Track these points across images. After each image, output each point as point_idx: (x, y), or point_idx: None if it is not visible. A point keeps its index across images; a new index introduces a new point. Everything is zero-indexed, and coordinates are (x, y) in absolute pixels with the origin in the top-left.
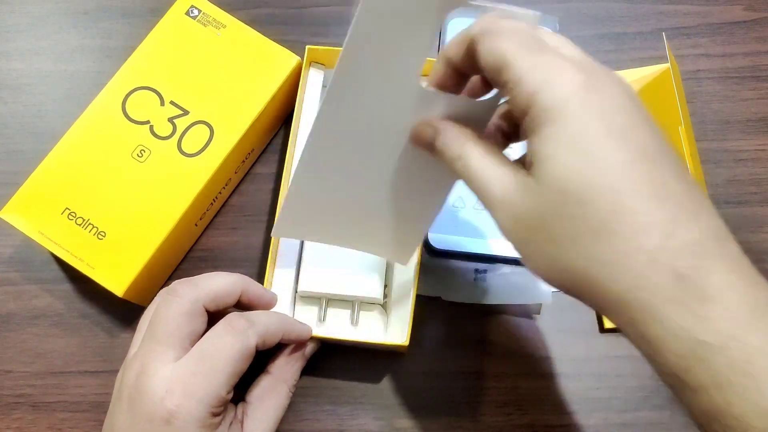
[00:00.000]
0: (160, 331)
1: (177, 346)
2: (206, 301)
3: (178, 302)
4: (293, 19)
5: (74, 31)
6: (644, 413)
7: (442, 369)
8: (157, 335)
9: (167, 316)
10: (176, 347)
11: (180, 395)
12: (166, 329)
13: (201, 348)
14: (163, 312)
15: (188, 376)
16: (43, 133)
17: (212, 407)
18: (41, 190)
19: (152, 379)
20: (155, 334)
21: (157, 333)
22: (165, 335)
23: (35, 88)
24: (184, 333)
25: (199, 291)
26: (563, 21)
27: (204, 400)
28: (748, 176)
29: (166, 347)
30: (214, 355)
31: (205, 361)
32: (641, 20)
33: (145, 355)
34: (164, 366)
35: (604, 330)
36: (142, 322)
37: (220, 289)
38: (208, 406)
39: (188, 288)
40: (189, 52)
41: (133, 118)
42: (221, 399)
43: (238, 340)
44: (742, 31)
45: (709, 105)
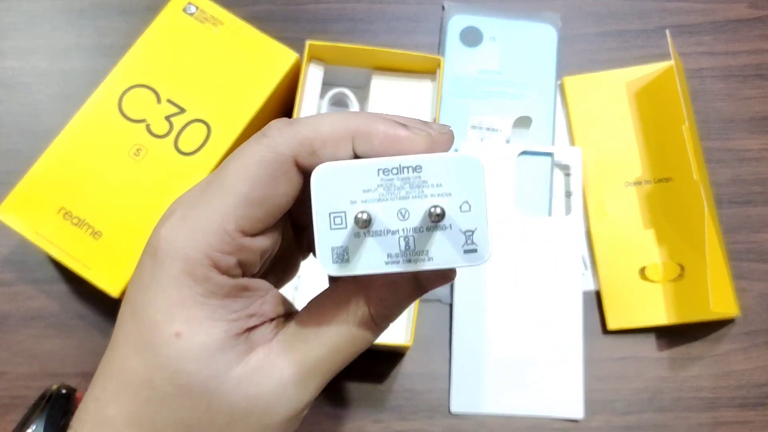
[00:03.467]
0: (219, 186)
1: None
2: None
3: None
4: (292, 16)
5: (70, 28)
6: (648, 415)
7: (443, 371)
8: (213, 191)
9: (237, 165)
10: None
11: (175, 221)
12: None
13: (219, 167)
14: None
15: (192, 199)
16: (39, 132)
17: (213, 247)
18: (36, 189)
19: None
20: (211, 187)
21: (214, 188)
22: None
23: (31, 87)
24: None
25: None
26: (565, 18)
27: (199, 232)
28: (752, 175)
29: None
30: (227, 173)
31: (215, 181)
32: (644, 17)
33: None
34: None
35: (608, 331)
36: None
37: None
38: (205, 243)
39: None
40: (186, 50)
41: (130, 117)
42: (228, 238)
43: (264, 146)
44: (745, 28)
45: (712, 103)
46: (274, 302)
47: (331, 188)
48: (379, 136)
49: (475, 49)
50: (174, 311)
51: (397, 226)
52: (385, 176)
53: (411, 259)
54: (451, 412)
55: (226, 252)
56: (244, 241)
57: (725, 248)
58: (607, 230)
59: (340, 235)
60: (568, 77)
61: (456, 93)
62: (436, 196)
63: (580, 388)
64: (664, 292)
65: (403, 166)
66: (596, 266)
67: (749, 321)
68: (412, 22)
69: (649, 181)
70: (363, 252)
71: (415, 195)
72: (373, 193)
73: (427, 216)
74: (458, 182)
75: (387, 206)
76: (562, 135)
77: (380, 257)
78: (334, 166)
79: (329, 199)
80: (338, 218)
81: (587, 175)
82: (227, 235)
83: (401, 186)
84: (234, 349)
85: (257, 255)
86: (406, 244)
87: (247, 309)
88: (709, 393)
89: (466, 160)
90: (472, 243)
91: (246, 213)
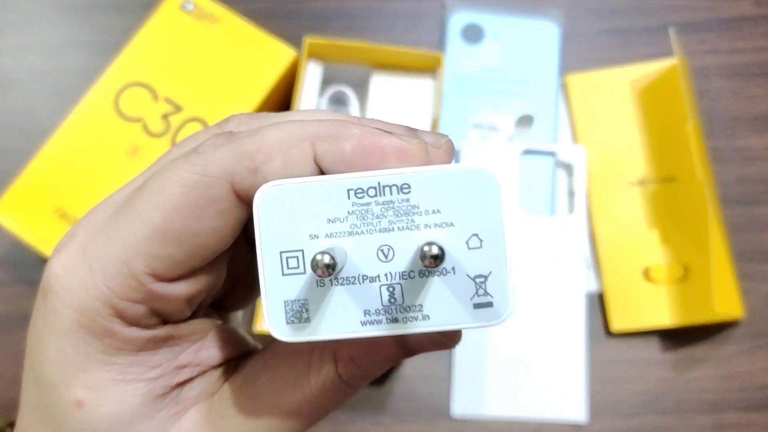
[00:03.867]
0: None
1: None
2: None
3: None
4: (291, 13)
5: (65, 26)
6: (651, 418)
7: (444, 374)
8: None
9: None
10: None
11: (71, 252)
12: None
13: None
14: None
15: (98, 221)
16: (34, 131)
17: (115, 293)
18: (32, 189)
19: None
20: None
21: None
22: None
23: (25, 85)
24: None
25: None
26: (567, 15)
27: (99, 272)
28: (757, 175)
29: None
30: (142, 194)
31: (126, 207)
32: (647, 14)
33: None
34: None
35: (611, 333)
36: None
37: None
38: (105, 288)
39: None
40: (183, 47)
41: (126, 115)
42: (135, 282)
43: (191, 164)
44: (750, 26)
45: (717, 102)
46: (218, 344)
47: (283, 217)
48: (353, 141)
49: (476, 47)
50: (71, 373)
51: (377, 271)
52: (358, 199)
53: (398, 317)
54: (452, 415)
55: (132, 300)
56: (156, 287)
57: (730, 249)
58: (610, 230)
59: (295, 283)
60: (571, 75)
61: (457, 91)
62: (432, 227)
63: (582, 390)
64: (667, 294)
65: (384, 184)
66: (600, 267)
67: (754, 322)
68: (412, 19)
69: (652, 180)
70: (329, 308)
71: (401, 226)
72: (343, 224)
73: (419, 256)
74: (464, 207)
75: (362, 242)
76: (565, 133)
77: (354, 315)
78: (285, 186)
79: (280, 232)
80: (293, 259)
81: (591, 174)
82: (134, 279)
83: (382, 213)
84: (158, 415)
85: (180, 303)
86: (391, 296)
87: (175, 360)
88: (713, 395)
89: (475, 175)
90: (484, 294)
91: (160, 252)
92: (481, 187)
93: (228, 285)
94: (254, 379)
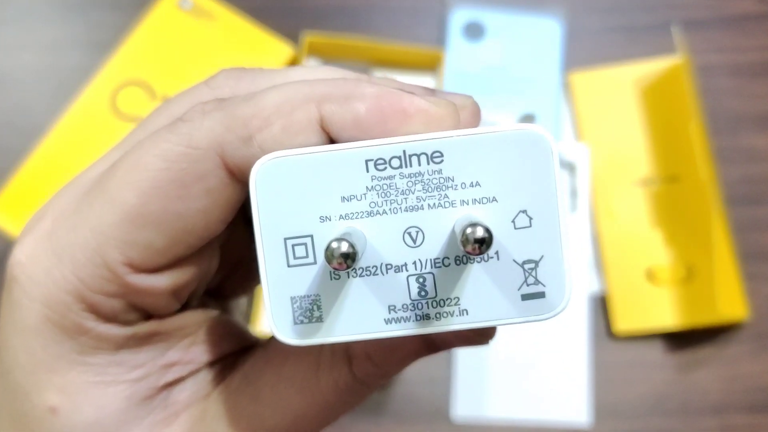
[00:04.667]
0: (101, 190)
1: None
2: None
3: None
4: (290, 10)
5: (61, 23)
6: (655, 420)
7: (444, 375)
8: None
9: (129, 163)
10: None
11: (38, 237)
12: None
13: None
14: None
15: (68, 201)
16: (29, 130)
17: (87, 285)
18: (26, 188)
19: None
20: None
21: (97, 191)
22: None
23: (20, 83)
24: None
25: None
26: (569, 13)
27: (67, 260)
28: (762, 174)
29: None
30: (116, 170)
31: (98, 186)
32: (650, 12)
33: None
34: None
35: (614, 335)
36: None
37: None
38: (74, 279)
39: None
40: (180, 45)
41: (122, 114)
42: (109, 273)
43: (174, 134)
44: (754, 24)
45: (720, 101)
46: (211, 339)
47: (286, 196)
48: (367, 102)
49: (477, 44)
50: (43, 377)
51: (404, 258)
52: (379, 172)
53: (429, 313)
54: (453, 418)
55: (107, 293)
56: (135, 279)
57: (734, 249)
58: (613, 230)
59: (304, 275)
60: (575, 74)
61: (458, 89)
62: (470, 203)
63: (585, 392)
64: (671, 295)
65: (411, 153)
66: (604, 267)
67: (759, 323)
68: (412, 16)
69: (656, 180)
70: (346, 304)
71: (433, 203)
72: (360, 203)
73: (459, 239)
74: (509, 178)
75: (385, 224)
76: (567, 132)
77: (377, 312)
78: (288, 159)
79: (284, 214)
80: (300, 247)
81: (593, 173)
82: (107, 270)
83: (408, 188)
84: (144, 421)
85: (164, 297)
86: (421, 289)
87: (161, 358)
88: (717, 397)
89: (523, 139)
90: (535, 282)
91: (137, 238)
92: (531, 152)
93: (225, 270)
94: (255, 379)
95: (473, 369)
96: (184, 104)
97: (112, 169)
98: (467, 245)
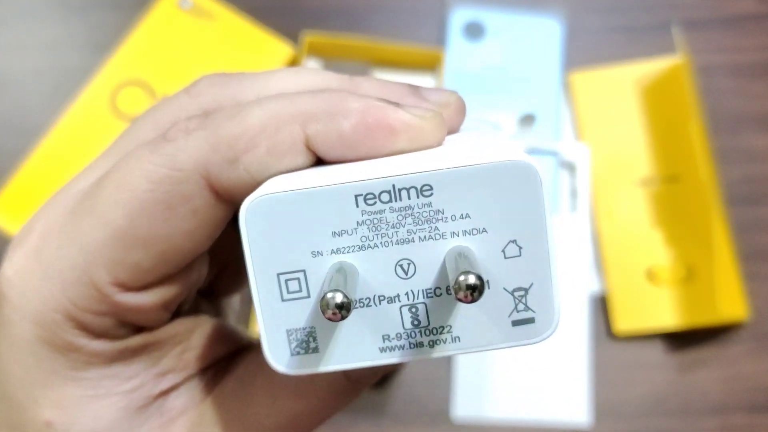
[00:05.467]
0: (89, 209)
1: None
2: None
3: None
4: (290, 10)
5: (60, 23)
6: (655, 420)
7: (444, 376)
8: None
9: (115, 181)
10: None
11: (26, 254)
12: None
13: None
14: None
15: (57, 216)
16: (28, 130)
17: (75, 304)
18: (27, 188)
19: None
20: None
21: (84, 209)
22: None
23: (20, 84)
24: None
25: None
26: (570, 13)
27: (56, 279)
28: (762, 174)
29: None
30: (102, 188)
31: (85, 204)
32: (650, 12)
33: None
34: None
35: (614, 335)
36: None
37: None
38: (63, 298)
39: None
40: (180, 45)
41: (122, 114)
42: (97, 293)
43: (158, 155)
44: (754, 24)
45: (720, 101)
46: (204, 345)
47: (278, 234)
48: (352, 118)
49: (477, 44)
50: (37, 392)
51: (396, 290)
52: (369, 206)
53: (422, 341)
54: (453, 418)
55: (96, 312)
56: (123, 298)
57: (734, 249)
58: (613, 230)
59: (299, 309)
60: (575, 74)
61: (458, 89)
62: (460, 235)
63: (585, 392)
64: (672, 295)
65: (401, 187)
66: (604, 267)
67: (759, 323)
68: (412, 16)
69: (656, 180)
70: (342, 335)
71: (423, 236)
72: (351, 237)
73: (451, 285)
74: (498, 209)
75: (376, 257)
76: (568, 132)
77: (371, 341)
78: (278, 197)
79: (276, 251)
80: (294, 282)
81: (594, 173)
82: (95, 290)
83: (398, 222)
84: (141, 429)
85: (153, 312)
86: (414, 318)
87: (154, 367)
88: (718, 397)
89: (512, 170)
90: (525, 309)
91: (124, 258)
92: (519, 183)
93: (215, 269)
94: (249, 382)
95: (473, 369)
96: (167, 114)
97: (99, 187)
98: (459, 292)
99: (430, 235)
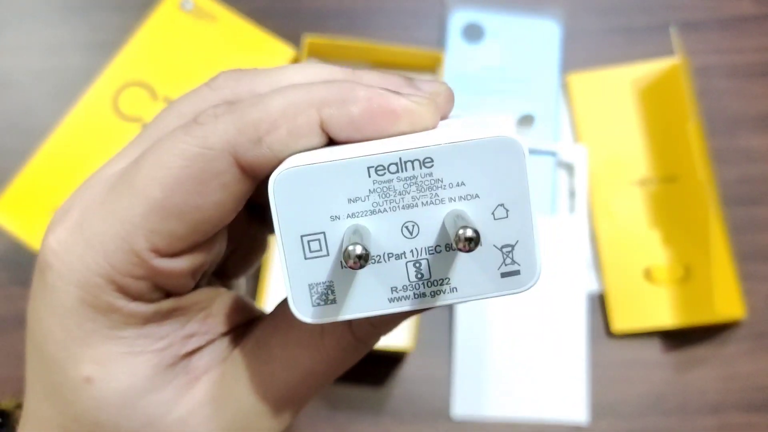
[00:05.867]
0: (129, 185)
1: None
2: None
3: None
4: (291, 12)
5: (63, 24)
6: (653, 419)
7: (444, 374)
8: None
9: (153, 161)
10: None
11: (68, 227)
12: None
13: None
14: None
15: (95, 195)
16: (32, 131)
17: (117, 269)
18: (30, 189)
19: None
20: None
21: (124, 187)
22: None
23: (23, 85)
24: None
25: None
26: (568, 14)
27: (99, 247)
28: (759, 175)
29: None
30: (140, 168)
31: (127, 175)
32: (648, 13)
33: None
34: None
35: (612, 334)
36: None
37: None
38: (106, 264)
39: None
40: (182, 47)
41: (125, 115)
42: (137, 259)
43: (191, 136)
44: (751, 25)
45: (718, 102)
46: (223, 312)
47: (301, 201)
48: (360, 105)
49: (476, 46)
50: (78, 350)
51: (403, 248)
52: (379, 176)
53: (425, 291)
54: (453, 416)
55: (135, 276)
56: (159, 263)
57: (731, 249)
58: (611, 230)
59: (319, 266)
60: (573, 75)
61: (457, 90)
62: (456, 200)
63: (583, 391)
64: (669, 294)
65: (406, 160)
66: (602, 267)
67: (756, 323)
68: (412, 18)
69: (654, 180)
70: (356, 287)
71: (425, 201)
72: (364, 203)
73: (452, 237)
74: (489, 177)
75: (385, 220)
76: (566, 133)
77: (381, 293)
78: (301, 169)
79: (300, 216)
80: (315, 242)
81: (592, 174)
82: (135, 256)
83: (404, 189)
84: (170, 385)
85: (183, 277)
86: (417, 272)
87: (181, 330)
88: (715, 396)
89: (500, 145)
90: (512, 263)
91: (161, 227)
92: (506, 155)
93: (227, 252)
94: (266, 342)
95: (473, 368)
96: (191, 105)
97: (136, 166)
98: (459, 243)
99: (432, 200)
